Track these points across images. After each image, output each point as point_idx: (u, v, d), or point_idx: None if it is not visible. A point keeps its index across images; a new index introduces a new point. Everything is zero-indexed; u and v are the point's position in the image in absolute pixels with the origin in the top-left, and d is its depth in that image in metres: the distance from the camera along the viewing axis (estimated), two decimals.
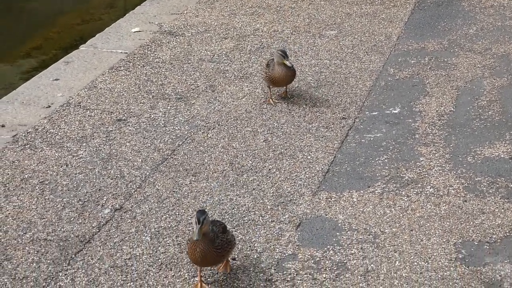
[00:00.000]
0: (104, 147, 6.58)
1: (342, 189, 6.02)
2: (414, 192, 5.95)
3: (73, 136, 6.75)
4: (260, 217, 5.65)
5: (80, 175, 6.16)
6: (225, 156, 6.47)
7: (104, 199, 5.85)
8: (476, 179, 6.12)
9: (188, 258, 4.90)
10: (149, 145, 6.62)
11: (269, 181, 6.11)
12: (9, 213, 5.66)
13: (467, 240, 5.37)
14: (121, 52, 8.60)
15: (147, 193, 5.93)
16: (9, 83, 9.04)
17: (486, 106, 7.36)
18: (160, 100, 7.44)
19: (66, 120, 7.04)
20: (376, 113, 7.27)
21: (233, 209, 5.74)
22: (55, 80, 7.90)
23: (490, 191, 5.95)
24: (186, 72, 8.09)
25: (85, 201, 5.82)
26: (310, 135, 6.84)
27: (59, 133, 6.81)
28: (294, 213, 5.69)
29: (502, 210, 5.70)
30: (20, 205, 5.76)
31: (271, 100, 7.38)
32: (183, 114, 7.17)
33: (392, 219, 5.62)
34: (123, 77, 7.95)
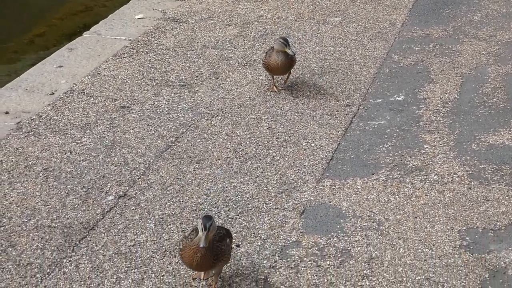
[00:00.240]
0: (108, 134, 6.58)
1: (346, 177, 6.01)
2: (418, 180, 5.94)
3: (77, 123, 6.75)
4: (264, 204, 5.65)
5: (84, 162, 6.16)
6: (229, 144, 6.47)
7: (108, 186, 5.85)
8: (481, 167, 6.11)
9: (181, 260, 4.69)
10: (153, 132, 6.62)
11: (273, 169, 6.10)
12: (13, 200, 5.66)
13: (472, 228, 5.37)
14: (125, 39, 8.58)
15: (151, 180, 5.93)
16: (13, 70, 9.04)
17: (491, 93, 7.35)
18: (164, 87, 7.43)
19: (70, 107, 7.03)
20: (380, 100, 7.26)
21: (237, 196, 5.74)
22: (59, 67, 7.89)
23: (495, 179, 5.95)
24: (190, 59, 8.07)
25: (89, 188, 5.82)
26: (314, 123, 6.83)
27: (63, 120, 6.80)
28: (298, 200, 5.69)
29: (507, 198, 5.70)
30: (24, 192, 5.76)
31: (275, 87, 7.37)
32: (187, 101, 7.16)
33: (396, 206, 5.61)
34: (127, 64, 7.93)
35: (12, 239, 5.23)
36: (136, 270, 4.95)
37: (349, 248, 5.17)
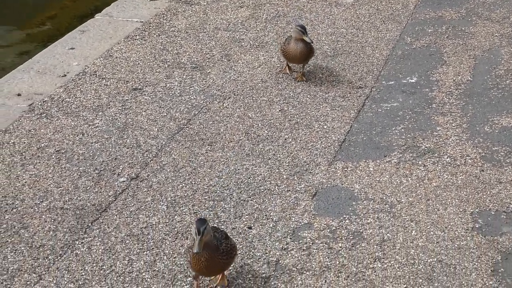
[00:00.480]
0: (120, 116, 6.58)
1: (359, 159, 6.00)
2: (431, 162, 5.93)
3: (89, 105, 6.75)
4: (276, 187, 5.64)
5: (96, 144, 6.17)
6: (241, 126, 6.46)
7: (120, 168, 5.86)
8: (493, 149, 6.09)
9: (190, 269, 4.51)
10: (165, 115, 6.62)
11: (285, 151, 6.10)
12: (26, 182, 5.68)
13: (484, 210, 5.35)
14: (137, 21, 8.57)
15: (163, 162, 5.93)
16: (25, 52, 9.05)
17: (504, 75, 7.30)
18: (176, 69, 7.42)
19: (82, 89, 7.04)
20: (393, 83, 7.23)
21: (249, 179, 5.74)
22: (71, 49, 7.89)
23: (508, 161, 5.92)
24: (202, 41, 8.05)
25: (101, 170, 5.83)
26: (326, 105, 6.81)
27: (75, 102, 6.81)
28: (310, 183, 5.68)
29: None
30: (37, 174, 5.78)
31: (287, 69, 7.33)
32: (199, 84, 7.15)
33: (409, 189, 5.60)
34: (139, 46, 7.93)
35: (25, 221, 5.25)
36: (148, 252, 4.96)
37: (361, 231, 5.16)
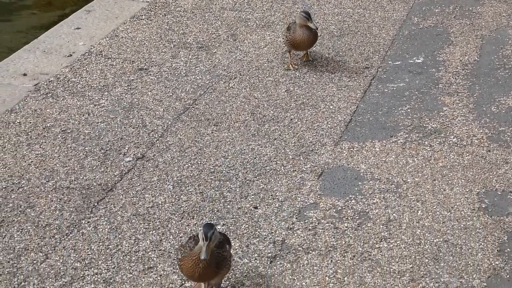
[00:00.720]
0: (126, 96, 6.57)
1: (365, 139, 5.99)
2: (437, 142, 5.91)
3: (95, 85, 6.75)
4: (282, 167, 5.64)
5: (102, 124, 6.17)
6: (247, 106, 6.45)
7: (126, 148, 5.86)
8: (500, 129, 6.07)
9: (180, 270, 4.27)
10: (171, 95, 6.61)
11: (291, 131, 6.09)
12: (32, 161, 5.68)
13: (490, 190, 5.34)
14: (143, 1, 8.54)
15: (169, 142, 5.93)
16: (31, 32, 9.03)
17: (511, 55, 7.27)
18: (182, 49, 7.41)
19: (88, 69, 7.03)
20: (399, 63, 7.20)
21: (255, 159, 5.73)
22: (77, 29, 7.87)
23: None
24: (208, 21, 8.03)
25: (107, 150, 5.83)
26: (333, 85, 6.79)
27: (81, 82, 6.80)
28: (316, 163, 5.68)
29: None
30: (43, 154, 5.78)
31: (291, 66, 7.17)
32: (204, 64, 7.14)
33: (415, 169, 5.59)
34: (145, 26, 7.91)
35: (31, 200, 5.26)
36: (154, 232, 4.96)
37: (367, 210, 5.16)
